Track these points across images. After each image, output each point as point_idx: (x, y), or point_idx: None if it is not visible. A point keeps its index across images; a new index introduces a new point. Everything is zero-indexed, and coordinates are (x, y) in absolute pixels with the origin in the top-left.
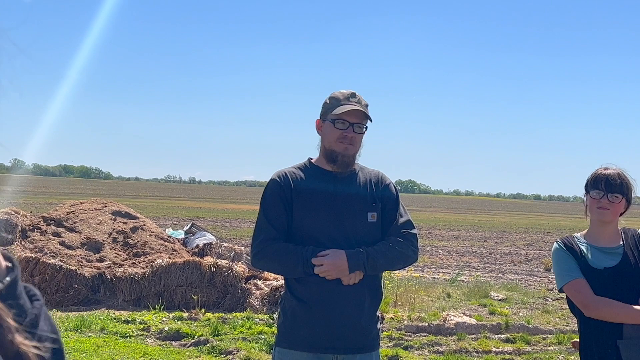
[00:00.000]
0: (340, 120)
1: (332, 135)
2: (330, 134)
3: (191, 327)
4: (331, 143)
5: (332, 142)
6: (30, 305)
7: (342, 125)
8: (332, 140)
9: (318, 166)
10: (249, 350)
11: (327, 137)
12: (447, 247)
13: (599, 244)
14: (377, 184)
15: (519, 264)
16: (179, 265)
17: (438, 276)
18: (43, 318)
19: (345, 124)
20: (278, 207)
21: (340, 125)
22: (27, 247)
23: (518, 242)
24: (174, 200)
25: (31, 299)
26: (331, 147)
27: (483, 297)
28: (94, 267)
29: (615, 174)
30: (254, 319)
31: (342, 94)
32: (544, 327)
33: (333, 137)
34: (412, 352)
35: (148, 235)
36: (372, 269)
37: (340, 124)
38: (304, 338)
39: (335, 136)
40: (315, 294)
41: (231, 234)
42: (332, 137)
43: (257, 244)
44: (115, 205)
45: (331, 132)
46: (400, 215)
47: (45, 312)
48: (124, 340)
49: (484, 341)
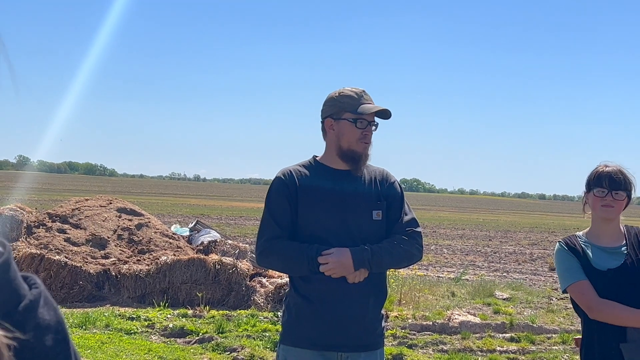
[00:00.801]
0: (361, 119)
1: (353, 135)
2: (351, 133)
3: (196, 325)
4: (351, 143)
5: (352, 142)
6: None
7: (362, 124)
8: (352, 140)
9: (323, 164)
10: (254, 348)
11: (346, 136)
12: (451, 246)
13: (601, 243)
14: (382, 182)
15: (523, 263)
16: (184, 263)
17: (442, 275)
18: (43, 304)
19: (364, 123)
20: (283, 205)
21: (361, 125)
22: (32, 243)
23: (523, 241)
24: (179, 198)
25: (30, 287)
26: (351, 147)
27: (487, 296)
28: (99, 264)
29: (617, 171)
30: (259, 316)
31: (355, 92)
32: (548, 326)
33: (354, 136)
34: (416, 350)
35: (153, 232)
36: (377, 267)
37: (361, 123)
38: (308, 336)
39: (356, 136)
40: (320, 292)
41: (236, 232)
42: (352, 137)
43: (262, 242)
44: (120, 202)
45: (351, 131)
46: (405, 213)
47: (47, 299)
48: (129, 337)
49: (488, 340)
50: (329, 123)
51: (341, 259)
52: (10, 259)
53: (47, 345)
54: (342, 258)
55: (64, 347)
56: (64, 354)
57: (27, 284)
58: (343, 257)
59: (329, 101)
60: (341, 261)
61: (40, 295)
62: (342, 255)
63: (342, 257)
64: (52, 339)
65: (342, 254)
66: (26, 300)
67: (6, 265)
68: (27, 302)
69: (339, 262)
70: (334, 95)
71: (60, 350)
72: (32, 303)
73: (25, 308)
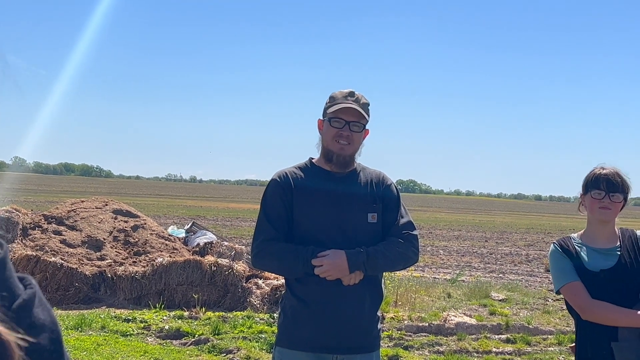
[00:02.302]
0: (336, 119)
1: (329, 134)
2: (327, 132)
3: (192, 326)
4: (328, 142)
5: (328, 141)
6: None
7: (338, 123)
8: (328, 139)
9: (319, 166)
10: (250, 350)
11: (325, 135)
12: (447, 247)
13: (596, 245)
14: (378, 184)
15: (519, 265)
16: (180, 264)
17: (439, 276)
18: (38, 305)
19: (341, 123)
20: (278, 207)
21: (336, 124)
22: (28, 245)
23: (519, 242)
24: (175, 199)
25: (25, 288)
26: (328, 146)
27: (483, 297)
28: (95, 266)
29: (614, 174)
30: (255, 318)
31: (341, 93)
32: (544, 327)
33: (329, 135)
34: (412, 352)
35: (149, 233)
36: (372, 269)
37: (336, 123)
38: (304, 338)
39: (331, 135)
40: (315, 294)
41: (232, 233)
42: (328, 136)
43: (257, 244)
44: (116, 204)
45: (328, 130)
46: (401, 216)
47: (41, 299)
48: (125, 339)
49: (484, 341)
50: (320, 123)
51: (336, 261)
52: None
53: (42, 344)
54: (338, 260)
55: (57, 347)
56: (57, 353)
57: (23, 285)
58: (338, 259)
59: (325, 103)
60: (336, 263)
61: (35, 295)
62: (337, 258)
63: (338, 259)
64: (46, 338)
65: (338, 256)
66: (20, 299)
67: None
68: (21, 301)
69: (334, 264)
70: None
71: (55, 350)
72: (27, 302)
73: (19, 307)
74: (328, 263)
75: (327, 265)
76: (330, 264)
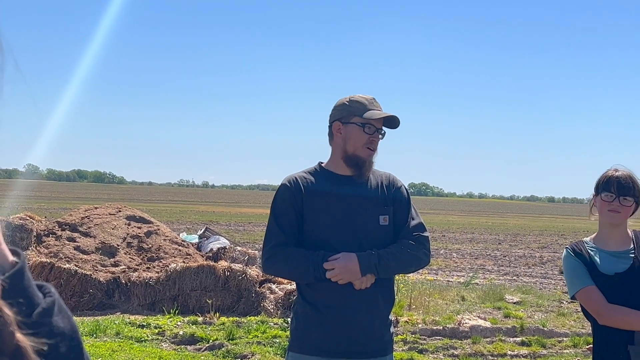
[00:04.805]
0: (369, 125)
1: (359, 140)
2: (357, 138)
3: (206, 332)
4: (357, 148)
5: (357, 147)
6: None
7: (370, 130)
8: (358, 145)
9: (329, 170)
10: (264, 354)
11: (352, 141)
12: (461, 250)
13: (608, 248)
14: (388, 186)
15: (533, 267)
16: (193, 270)
17: (452, 279)
18: (57, 312)
19: (372, 129)
20: (288, 212)
21: (369, 130)
22: (42, 252)
23: (532, 244)
24: (188, 205)
25: (45, 296)
26: (356, 152)
27: (498, 300)
28: (109, 272)
29: (627, 177)
30: (269, 322)
31: (365, 98)
32: (559, 330)
33: (360, 141)
34: (427, 355)
35: (162, 239)
36: (384, 272)
37: (368, 129)
38: (316, 343)
39: (362, 141)
40: (327, 298)
41: (245, 238)
42: (358, 142)
43: (267, 249)
44: (129, 210)
45: (358, 136)
46: (412, 218)
47: (62, 307)
48: (139, 345)
49: (499, 344)
50: (337, 126)
51: (348, 265)
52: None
53: (61, 352)
54: (349, 263)
55: (77, 355)
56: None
57: (42, 293)
58: (350, 262)
59: (339, 106)
60: (348, 266)
61: (54, 303)
62: (349, 261)
63: (349, 262)
64: (66, 345)
65: (349, 259)
66: (40, 308)
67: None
68: (40, 309)
69: (346, 267)
70: (344, 100)
71: (74, 358)
72: (46, 311)
73: (39, 315)
74: (339, 266)
75: (339, 268)
76: (342, 267)
